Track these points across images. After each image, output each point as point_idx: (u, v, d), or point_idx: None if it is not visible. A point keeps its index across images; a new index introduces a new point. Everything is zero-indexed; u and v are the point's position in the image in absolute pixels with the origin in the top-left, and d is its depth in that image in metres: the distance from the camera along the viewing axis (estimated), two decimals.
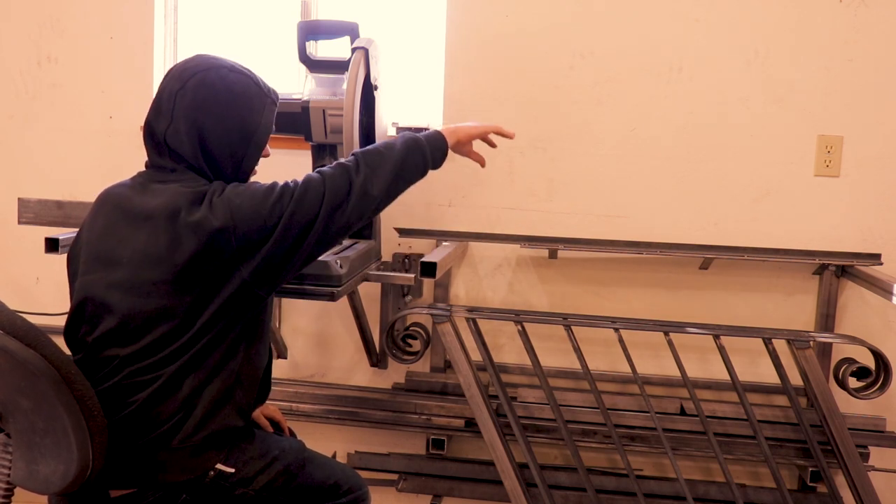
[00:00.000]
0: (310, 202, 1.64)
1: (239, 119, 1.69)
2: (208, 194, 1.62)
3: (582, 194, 2.64)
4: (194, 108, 1.65)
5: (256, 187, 1.66)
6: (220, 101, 1.67)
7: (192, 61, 1.70)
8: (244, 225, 1.60)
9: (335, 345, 2.81)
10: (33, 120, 2.87)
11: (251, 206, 1.61)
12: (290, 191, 1.65)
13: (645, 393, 2.27)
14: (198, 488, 1.67)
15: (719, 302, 2.61)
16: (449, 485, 2.66)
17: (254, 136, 1.72)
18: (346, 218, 1.68)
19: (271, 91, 1.76)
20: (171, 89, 1.66)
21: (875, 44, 2.47)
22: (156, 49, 2.80)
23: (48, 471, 1.58)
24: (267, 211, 1.61)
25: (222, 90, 1.67)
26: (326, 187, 1.67)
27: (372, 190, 1.71)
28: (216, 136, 1.66)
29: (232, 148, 1.69)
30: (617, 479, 2.56)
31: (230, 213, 1.59)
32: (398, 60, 2.70)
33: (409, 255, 2.69)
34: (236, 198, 1.61)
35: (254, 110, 1.71)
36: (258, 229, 1.60)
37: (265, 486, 1.74)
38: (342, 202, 1.67)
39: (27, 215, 2.55)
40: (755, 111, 2.54)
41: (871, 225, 2.53)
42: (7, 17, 2.84)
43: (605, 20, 2.57)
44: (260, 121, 1.72)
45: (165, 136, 1.66)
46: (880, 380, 2.23)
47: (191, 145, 1.65)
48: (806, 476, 2.49)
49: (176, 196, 1.62)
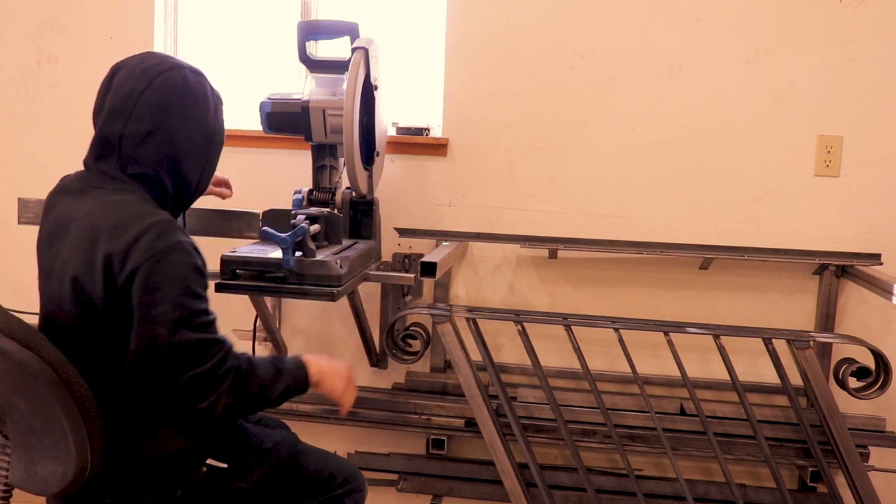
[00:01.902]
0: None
1: (201, 120, 1.67)
2: (145, 231, 1.52)
3: (582, 194, 2.64)
4: (160, 109, 1.60)
5: (188, 310, 1.53)
6: (187, 103, 1.64)
7: (150, 59, 1.65)
8: (139, 323, 1.51)
9: (335, 345, 2.81)
10: (33, 120, 2.86)
11: (159, 320, 1.50)
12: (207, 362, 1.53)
13: (645, 393, 2.27)
14: (191, 485, 1.67)
15: (719, 302, 2.61)
16: (449, 485, 2.65)
17: (214, 137, 1.70)
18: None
19: (218, 93, 1.75)
20: (134, 88, 1.60)
21: (875, 44, 2.47)
22: (156, 49, 2.80)
23: (46, 472, 1.58)
24: (163, 347, 1.51)
25: (187, 91, 1.64)
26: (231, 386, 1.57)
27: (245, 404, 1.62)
28: (182, 137, 1.63)
29: (196, 149, 1.67)
30: (617, 479, 2.56)
31: (142, 290, 1.50)
32: (398, 60, 2.70)
33: (409, 255, 2.69)
34: (162, 292, 1.50)
35: (209, 111, 1.69)
36: (142, 345, 1.52)
37: (260, 480, 1.75)
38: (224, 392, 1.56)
39: (27, 215, 2.55)
40: (755, 111, 2.54)
41: (871, 225, 2.53)
42: (7, 17, 2.84)
43: (605, 20, 2.57)
44: (217, 121, 1.71)
45: (122, 136, 1.60)
46: (880, 380, 2.23)
47: (153, 147, 1.60)
48: (806, 476, 2.49)
49: (105, 213, 1.56)
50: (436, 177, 2.69)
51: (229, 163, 2.73)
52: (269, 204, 2.33)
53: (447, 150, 2.67)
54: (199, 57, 2.88)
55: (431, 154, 2.67)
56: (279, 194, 2.56)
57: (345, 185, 2.42)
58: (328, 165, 2.44)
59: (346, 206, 2.42)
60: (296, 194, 2.36)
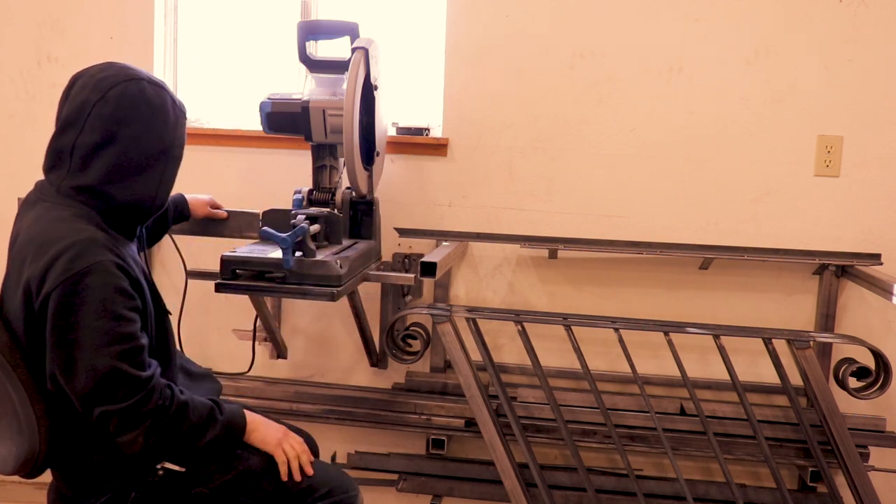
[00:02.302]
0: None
1: (157, 134, 1.62)
2: (62, 253, 1.49)
3: (582, 194, 2.64)
4: (114, 121, 1.57)
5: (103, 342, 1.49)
6: (142, 115, 1.59)
7: (108, 70, 1.63)
8: (53, 348, 1.50)
9: (335, 345, 2.81)
10: (33, 120, 2.86)
11: (77, 345, 1.48)
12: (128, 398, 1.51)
13: (645, 393, 2.27)
14: (146, 487, 1.65)
15: (719, 302, 2.61)
16: (449, 485, 2.65)
17: (170, 151, 1.66)
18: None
19: (181, 103, 1.71)
20: (88, 99, 1.58)
21: (875, 44, 2.47)
22: (156, 49, 2.80)
23: (5, 451, 1.63)
24: (79, 376, 1.48)
25: (143, 104, 1.60)
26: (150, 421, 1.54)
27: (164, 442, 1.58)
28: (133, 151, 1.59)
29: (151, 163, 1.62)
30: (617, 479, 2.56)
31: (57, 314, 1.48)
32: (398, 60, 2.69)
33: (409, 255, 2.69)
34: (78, 316, 1.47)
35: (170, 125, 1.65)
36: (58, 371, 1.51)
37: (223, 486, 1.69)
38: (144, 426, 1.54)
39: None
40: (755, 111, 2.54)
41: (871, 225, 2.53)
42: (7, 17, 2.84)
43: (605, 20, 2.57)
44: (175, 135, 1.67)
45: (73, 147, 1.57)
46: (880, 380, 2.23)
47: (104, 160, 1.57)
48: (806, 476, 2.49)
49: (37, 230, 1.55)
50: (436, 177, 2.69)
51: (229, 163, 2.75)
52: (269, 204, 2.32)
53: (447, 150, 2.67)
54: (199, 57, 2.89)
55: (431, 154, 2.67)
56: (279, 194, 2.56)
57: (345, 185, 2.42)
58: (328, 165, 2.44)
59: (346, 206, 2.42)
60: (296, 194, 2.36)
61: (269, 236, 1.92)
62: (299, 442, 1.76)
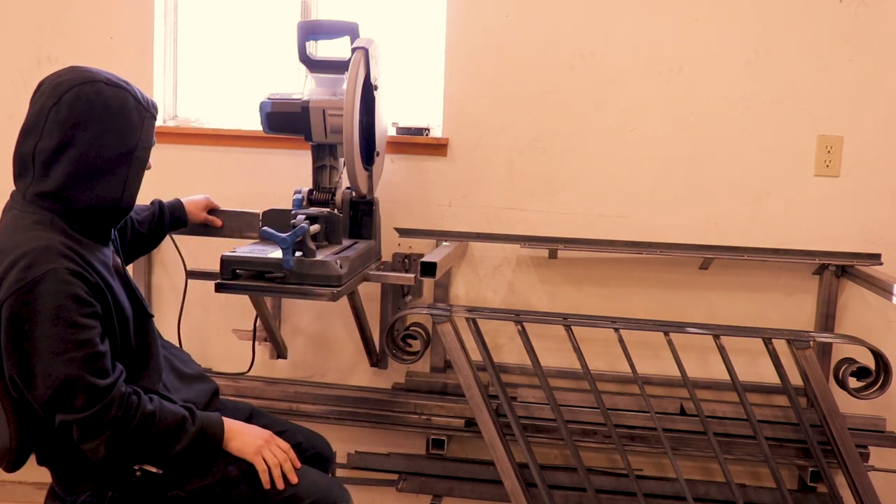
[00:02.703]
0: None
1: (117, 136, 1.59)
2: (16, 262, 1.48)
3: (582, 194, 2.64)
4: (70, 126, 1.55)
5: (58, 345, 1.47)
6: (99, 118, 1.57)
7: (66, 75, 1.61)
8: (9, 357, 1.49)
9: (335, 345, 2.81)
10: None
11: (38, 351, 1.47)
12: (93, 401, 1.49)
13: (645, 393, 2.27)
14: (123, 487, 1.64)
15: (719, 302, 2.61)
16: (449, 485, 2.65)
17: (134, 153, 1.62)
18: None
19: (150, 104, 1.66)
20: (45, 105, 1.57)
21: (875, 44, 2.47)
22: (156, 49, 2.80)
23: None
24: (36, 384, 1.48)
25: (100, 106, 1.57)
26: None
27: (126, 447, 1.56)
28: (93, 154, 1.56)
29: (112, 165, 1.59)
30: (617, 479, 2.56)
31: (11, 323, 1.47)
32: (398, 60, 2.69)
33: (409, 255, 2.69)
34: (32, 324, 1.46)
35: (133, 126, 1.61)
36: (16, 378, 1.51)
37: (200, 491, 1.66)
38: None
39: None
40: (755, 111, 2.54)
41: (871, 225, 2.53)
42: (7, 17, 2.84)
43: (605, 20, 2.57)
44: (139, 136, 1.62)
45: (34, 153, 1.56)
46: (880, 380, 2.23)
47: (64, 165, 1.55)
48: (806, 476, 2.49)
49: (1, 241, 1.55)
50: (436, 177, 2.69)
51: (229, 163, 2.75)
52: (269, 204, 2.32)
53: (447, 150, 2.67)
54: (198, 57, 2.89)
55: (431, 154, 2.67)
56: (279, 194, 2.56)
57: (345, 185, 2.42)
58: (328, 165, 2.44)
59: (346, 206, 2.42)
60: (296, 194, 2.36)
61: (269, 236, 1.92)
62: (284, 449, 1.72)
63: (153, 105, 1.68)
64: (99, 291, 1.56)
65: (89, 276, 1.54)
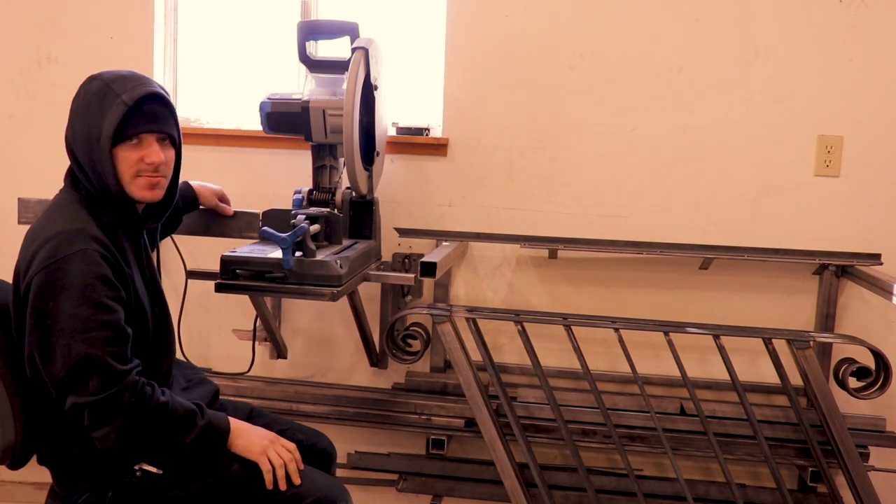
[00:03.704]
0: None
1: (86, 126, 1.65)
2: (47, 241, 1.55)
3: (582, 194, 2.63)
4: (71, 117, 1.69)
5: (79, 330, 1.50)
6: (75, 109, 1.68)
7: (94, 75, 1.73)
8: (31, 333, 1.53)
9: (335, 345, 2.81)
10: (33, 120, 2.86)
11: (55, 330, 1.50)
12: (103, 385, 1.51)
13: (645, 393, 2.27)
14: (123, 487, 1.64)
15: (719, 302, 2.61)
16: (449, 485, 2.65)
17: (99, 140, 1.64)
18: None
19: (126, 90, 1.65)
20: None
21: (875, 44, 2.47)
22: (156, 49, 2.80)
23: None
24: (55, 360, 1.51)
25: (79, 98, 1.68)
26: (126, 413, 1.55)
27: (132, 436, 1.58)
28: (74, 142, 1.68)
29: (85, 153, 1.66)
30: (617, 479, 2.56)
31: (37, 298, 1.52)
32: (398, 60, 2.69)
33: (409, 255, 2.69)
34: (56, 302, 1.50)
35: (101, 115, 1.64)
36: (35, 354, 1.54)
37: (200, 490, 1.67)
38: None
39: (27, 215, 2.55)
40: (755, 111, 2.54)
41: (871, 225, 2.53)
42: (7, 17, 2.84)
43: (605, 20, 2.57)
44: (102, 124, 1.64)
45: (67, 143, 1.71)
46: (880, 380, 2.23)
47: (72, 154, 1.69)
48: (806, 476, 2.49)
49: (39, 219, 1.66)
50: (436, 177, 2.69)
51: (229, 163, 2.75)
52: (269, 204, 2.32)
53: (447, 150, 2.67)
54: (198, 57, 2.89)
55: (431, 154, 2.67)
56: (279, 194, 2.56)
57: (345, 185, 2.42)
58: (328, 165, 2.44)
59: (346, 206, 2.42)
60: (296, 194, 2.36)
61: (269, 236, 1.92)
62: (289, 449, 1.73)
63: (129, 93, 1.65)
64: (124, 279, 1.60)
65: (116, 263, 1.58)
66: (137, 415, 1.54)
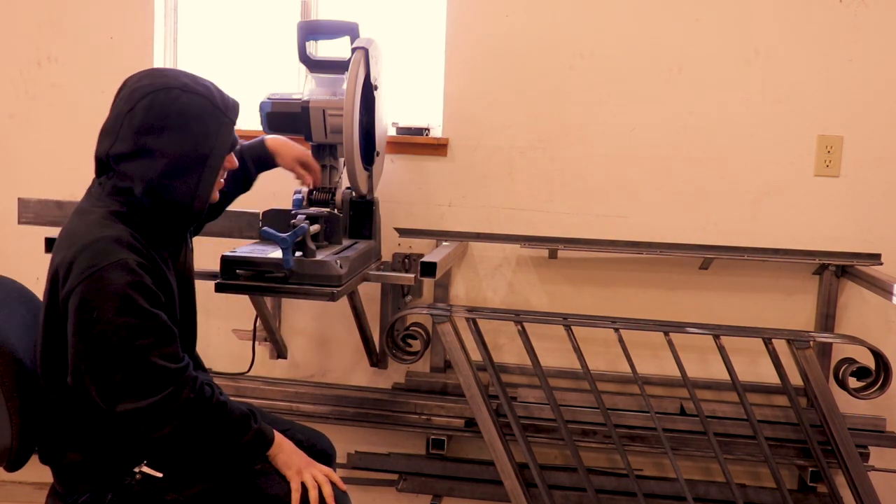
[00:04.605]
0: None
1: (192, 144, 1.59)
2: (86, 247, 1.52)
3: (582, 194, 2.63)
4: (143, 133, 1.56)
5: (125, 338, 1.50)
6: (171, 126, 1.57)
7: (144, 80, 1.62)
8: (77, 342, 1.51)
9: (335, 345, 2.81)
10: (33, 120, 2.86)
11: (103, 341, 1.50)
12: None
13: (645, 393, 2.27)
14: (122, 489, 1.64)
15: (719, 302, 2.61)
16: (449, 485, 2.65)
17: (208, 159, 1.61)
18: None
19: (229, 107, 1.66)
20: (122, 110, 1.59)
21: (875, 44, 2.47)
22: (156, 49, 2.80)
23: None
24: (103, 370, 1.50)
25: (174, 113, 1.58)
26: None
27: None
28: (164, 161, 1.57)
29: (183, 171, 1.59)
30: (617, 479, 2.56)
31: (80, 309, 1.50)
32: (398, 60, 2.69)
33: (409, 255, 2.69)
34: (101, 312, 1.49)
35: (208, 133, 1.61)
36: (81, 364, 1.52)
37: (199, 495, 1.65)
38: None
39: (27, 215, 2.55)
40: (755, 111, 2.54)
41: (871, 225, 2.53)
42: (7, 17, 2.84)
43: (605, 20, 2.57)
44: (215, 143, 1.62)
45: (108, 155, 1.60)
46: (880, 380, 2.23)
47: (136, 168, 1.58)
48: (806, 476, 2.49)
49: (74, 223, 1.60)
50: (436, 177, 2.69)
51: None
52: (269, 204, 2.32)
53: (447, 150, 2.67)
54: (199, 57, 2.89)
55: (431, 154, 2.67)
56: (279, 194, 2.55)
57: (345, 185, 2.42)
58: (328, 165, 2.44)
59: (346, 206, 2.42)
60: (296, 194, 2.36)
61: (269, 236, 1.92)
62: (326, 473, 1.71)
63: (233, 108, 1.67)
64: (161, 285, 1.60)
65: (155, 269, 1.58)
66: (198, 412, 1.55)
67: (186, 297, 1.77)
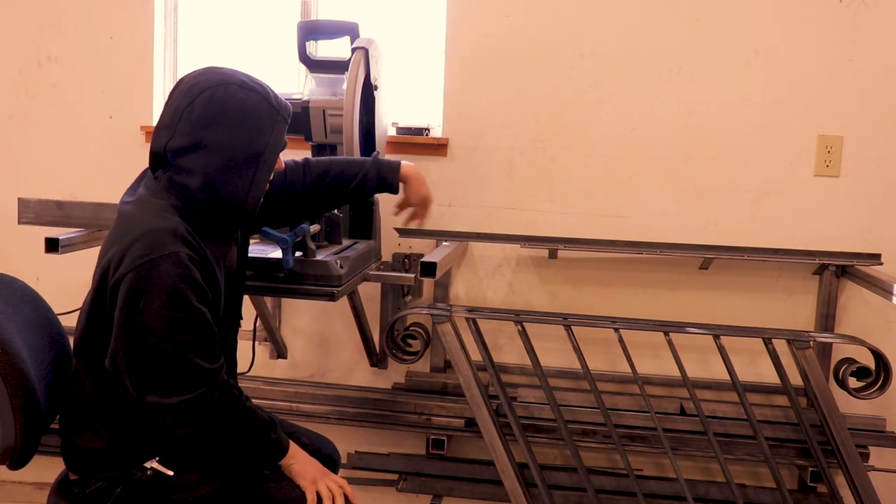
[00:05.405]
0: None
1: (247, 139, 1.61)
2: (139, 238, 1.53)
3: (582, 194, 2.64)
4: (201, 126, 1.58)
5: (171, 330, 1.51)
6: (229, 121, 1.59)
7: (203, 76, 1.63)
8: (119, 328, 1.52)
9: (335, 345, 2.81)
10: (33, 120, 2.87)
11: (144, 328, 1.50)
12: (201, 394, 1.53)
13: (645, 393, 2.27)
14: (132, 484, 1.64)
15: (719, 302, 2.61)
16: (449, 485, 2.65)
17: (262, 156, 1.63)
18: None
19: (283, 107, 1.67)
20: (180, 104, 1.60)
21: (875, 44, 2.48)
22: (156, 49, 2.80)
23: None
24: (142, 359, 1.51)
25: (232, 109, 1.59)
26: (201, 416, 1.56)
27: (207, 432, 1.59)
28: (220, 156, 1.59)
29: (238, 167, 1.61)
30: (617, 479, 2.56)
31: (128, 296, 1.50)
32: (398, 60, 2.69)
33: (409, 255, 2.69)
34: (147, 301, 1.50)
35: (263, 130, 1.63)
36: (121, 351, 1.53)
37: (208, 496, 1.66)
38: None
39: (27, 215, 2.54)
40: (755, 111, 2.54)
41: (871, 225, 2.53)
42: (7, 17, 2.84)
43: (605, 20, 2.57)
44: (269, 140, 1.64)
45: (166, 150, 1.60)
46: (880, 380, 2.23)
47: (194, 162, 1.59)
48: (806, 476, 2.49)
49: (129, 212, 1.61)
50: (436, 177, 2.68)
51: None
52: None
53: (447, 150, 2.67)
54: (198, 57, 2.89)
55: (431, 154, 2.67)
56: None
57: None
58: None
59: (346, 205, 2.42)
60: None
61: (270, 236, 1.92)
62: (340, 484, 1.72)
63: (286, 109, 1.68)
64: (210, 281, 1.60)
65: (205, 266, 1.59)
66: (225, 414, 1.56)
67: (232, 297, 1.77)
